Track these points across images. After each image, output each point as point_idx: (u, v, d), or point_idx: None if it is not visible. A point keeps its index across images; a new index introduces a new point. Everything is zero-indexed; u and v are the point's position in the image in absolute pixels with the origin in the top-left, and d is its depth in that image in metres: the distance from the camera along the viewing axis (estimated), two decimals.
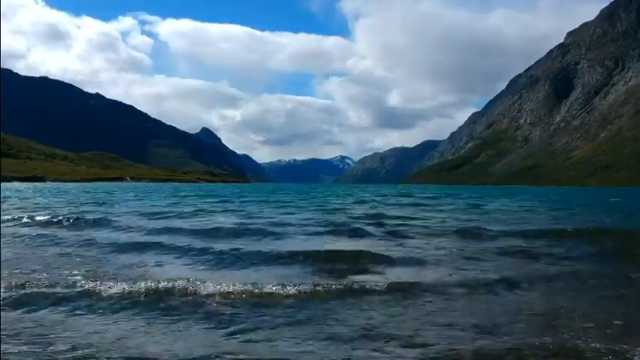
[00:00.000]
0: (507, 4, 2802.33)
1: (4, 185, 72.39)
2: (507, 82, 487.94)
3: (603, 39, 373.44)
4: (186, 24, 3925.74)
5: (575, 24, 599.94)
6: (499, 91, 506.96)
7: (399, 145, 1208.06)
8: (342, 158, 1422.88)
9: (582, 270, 7.53)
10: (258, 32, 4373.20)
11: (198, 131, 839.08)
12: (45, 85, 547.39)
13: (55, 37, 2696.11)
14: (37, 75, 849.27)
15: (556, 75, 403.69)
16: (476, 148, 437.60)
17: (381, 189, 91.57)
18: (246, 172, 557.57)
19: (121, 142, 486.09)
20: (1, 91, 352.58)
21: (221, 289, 5.61)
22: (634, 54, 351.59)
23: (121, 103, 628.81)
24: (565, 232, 12.42)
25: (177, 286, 5.75)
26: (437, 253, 8.98)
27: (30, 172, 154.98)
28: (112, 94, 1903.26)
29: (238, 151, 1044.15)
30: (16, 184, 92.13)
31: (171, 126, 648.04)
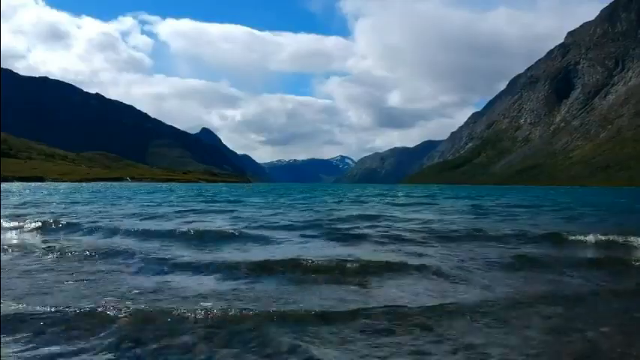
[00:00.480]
0: (507, 4, 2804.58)
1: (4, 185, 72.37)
2: (507, 82, 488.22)
3: (603, 39, 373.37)
4: (186, 24, 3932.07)
5: (575, 24, 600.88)
6: (499, 91, 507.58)
7: (399, 145, 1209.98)
8: (342, 158, 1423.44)
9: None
10: (258, 32, 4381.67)
11: (198, 131, 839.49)
12: (45, 85, 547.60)
13: (55, 37, 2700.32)
14: (37, 75, 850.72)
15: (556, 75, 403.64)
16: (476, 148, 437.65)
17: (372, 189, 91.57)
18: (246, 172, 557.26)
19: (121, 142, 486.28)
20: (1, 91, 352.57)
21: None
22: (634, 54, 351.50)
23: (121, 103, 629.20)
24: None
25: None
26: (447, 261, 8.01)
27: (30, 172, 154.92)
28: (112, 94, 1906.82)
29: (238, 151, 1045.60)
30: (15, 184, 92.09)
31: (171, 126, 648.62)
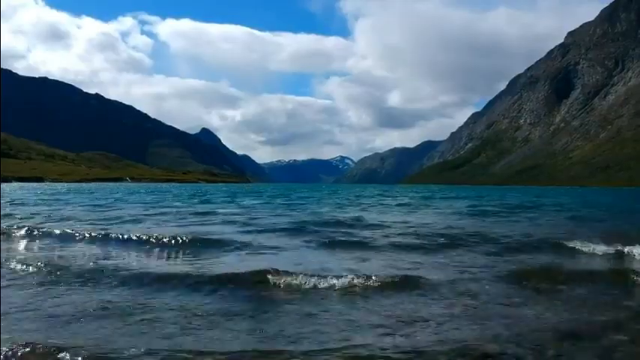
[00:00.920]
0: (507, 4, 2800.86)
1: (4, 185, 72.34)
2: (507, 83, 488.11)
3: (603, 39, 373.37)
4: (186, 24, 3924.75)
5: (575, 24, 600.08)
6: (499, 91, 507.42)
7: (399, 145, 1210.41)
8: (342, 158, 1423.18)
9: None
10: (258, 32, 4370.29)
11: (198, 131, 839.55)
12: (45, 85, 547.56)
13: (55, 37, 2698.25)
14: (37, 75, 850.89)
15: (556, 75, 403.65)
16: (476, 148, 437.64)
17: (373, 189, 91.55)
18: (246, 172, 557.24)
19: (121, 143, 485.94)
20: (1, 91, 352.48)
21: None
22: (634, 54, 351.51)
23: (120, 103, 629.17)
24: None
25: None
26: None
27: (29, 173, 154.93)
28: (111, 94, 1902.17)
29: (238, 151, 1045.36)
30: (15, 184, 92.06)
31: (171, 126, 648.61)
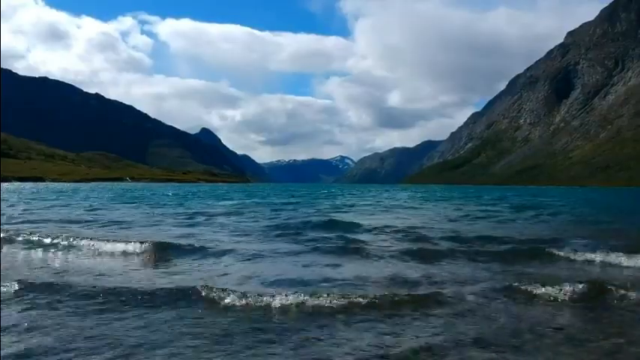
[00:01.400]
0: (507, 4, 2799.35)
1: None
2: (507, 83, 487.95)
3: (603, 39, 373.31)
4: (186, 24, 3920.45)
5: (575, 24, 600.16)
6: (499, 91, 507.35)
7: (399, 145, 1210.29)
8: (342, 158, 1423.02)
9: None
10: (258, 32, 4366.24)
11: (198, 131, 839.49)
12: (45, 85, 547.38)
13: (54, 37, 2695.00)
14: (37, 75, 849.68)
15: (556, 75, 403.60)
16: (476, 148, 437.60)
17: (373, 189, 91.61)
18: (246, 172, 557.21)
19: (121, 142, 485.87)
20: (1, 91, 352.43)
21: None
22: (634, 54, 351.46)
23: (120, 103, 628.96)
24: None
25: None
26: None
27: (29, 173, 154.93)
28: (111, 94, 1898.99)
29: (238, 151, 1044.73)
30: (14, 184, 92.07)
31: (171, 126, 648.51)
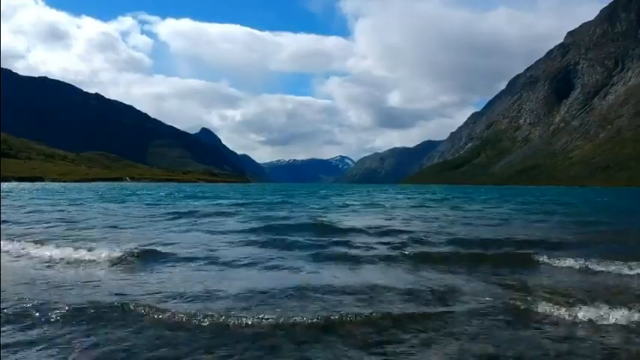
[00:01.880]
0: (507, 4, 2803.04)
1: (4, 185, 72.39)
2: (507, 83, 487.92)
3: (603, 39, 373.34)
4: (186, 24, 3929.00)
5: (575, 24, 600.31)
6: (499, 91, 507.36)
7: (399, 145, 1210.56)
8: (342, 158, 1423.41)
9: None
10: (258, 32, 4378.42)
11: (198, 131, 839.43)
12: (45, 85, 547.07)
13: (54, 37, 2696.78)
14: (37, 75, 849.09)
15: (556, 75, 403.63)
16: (475, 148, 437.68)
17: (372, 189, 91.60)
18: (246, 172, 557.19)
19: (121, 142, 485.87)
20: (1, 91, 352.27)
21: None
22: (634, 54, 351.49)
23: (120, 103, 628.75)
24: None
25: None
26: None
27: (29, 172, 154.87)
28: (111, 94, 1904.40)
29: (238, 151, 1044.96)
30: (20, 184, 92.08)
31: (171, 126, 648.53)
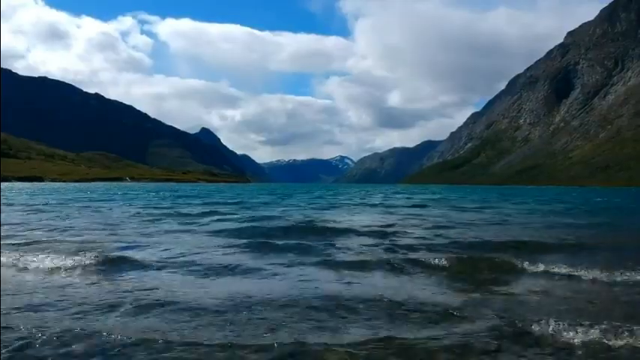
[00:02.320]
0: (507, 4, 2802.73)
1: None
2: (507, 82, 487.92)
3: (603, 39, 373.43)
4: (186, 24, 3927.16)
5: (574, 24, 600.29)
6: (499, 91, 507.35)
7: (399, 145, 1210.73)
8: (342, 158, 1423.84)
9: None
10: (258, 32, 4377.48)
11: (198, 131, 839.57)
12: (45, 85, 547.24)
13: (54, 37, 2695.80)
14: (37, 75, 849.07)
15: (555, 75, 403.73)
16: (475, 148, 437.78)
17: (372, 189, 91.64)
18: (246, 172, 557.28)
19: (121, 142, 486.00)
20: (1, 91, 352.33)
21: None
22: (634, 54, 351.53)
23: (120, 103, 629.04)
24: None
25: None
26: None
27: (29, 172, 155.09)
28: (111, 94, 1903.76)
29: (238, 151, 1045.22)
30: (15, 184, 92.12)
31: (171, 126, 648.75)
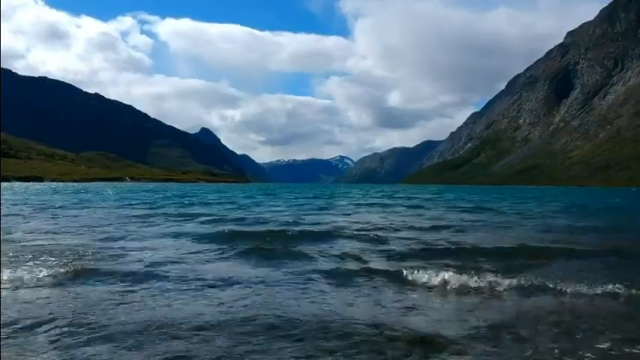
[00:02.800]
0: (507, 4, 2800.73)
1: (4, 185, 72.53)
2: (507, 83, 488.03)
3: (603, 39, 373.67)
4: (185, 24, 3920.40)
5: (574, 24, 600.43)
6: (499, 91, 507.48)
7: (398, 145, 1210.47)
8: (342, 158, 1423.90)
9: None
10: (258, 32, 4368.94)
11: (198, 131, 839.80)
12: (44, 84, 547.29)
13: (54, 36, 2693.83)
14: (37, 75, 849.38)
15: (555, 75, 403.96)
16: (475, 148, 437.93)
17: (371, 189, 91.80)
18: (246, 172, 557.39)
19: (121, 142, 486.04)
20: (1, 91, 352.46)
21: None
22: (633, 54, 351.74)
23: (120, 103, 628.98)
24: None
25: None
26: None
27: (29, 172, 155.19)
28: (111, 93, 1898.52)
29: (238, 151, 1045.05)
30: (15, 184, 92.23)
31: (170, 126, 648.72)
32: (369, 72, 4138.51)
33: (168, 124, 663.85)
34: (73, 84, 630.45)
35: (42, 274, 7.02)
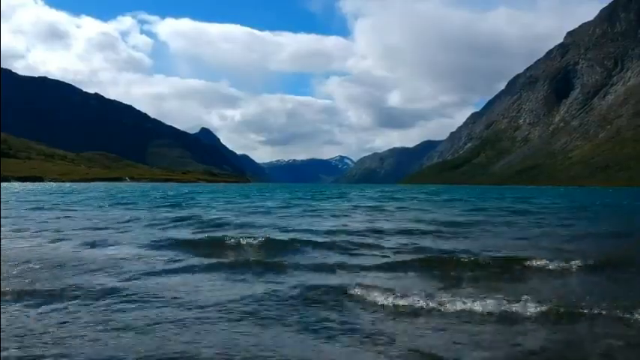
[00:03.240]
0: (507, 4, 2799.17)
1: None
2: (507, 83, 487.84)
3: (602, 39, 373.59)
4: (185, 24, 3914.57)
5: (574, 24, 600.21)
6: (498, 91, 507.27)
7: (398, 145, 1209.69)
8: (342, 158, 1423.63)
9: None
10: (258, 32, 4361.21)
11: (198, 131, 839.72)
12: (44, 84, 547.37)
13: (54, 36, 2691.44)
14: (37, 75, 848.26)
15: (555, 75, 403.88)
16: (475, 148, 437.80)
17: (370, 189, 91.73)
18: (246, 172, 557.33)
19: (121, 142, 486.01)
20: (1, 91, 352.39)
21: None
22: (633, 54, 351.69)
23: (120, 103, 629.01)
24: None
25: None
26: None
27: (29, 172, 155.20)
28: (111, 93, 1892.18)
29: (238, 151, 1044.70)
30: (15, 184, 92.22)
31: (170, 126, 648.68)
32: (369, 72, 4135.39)
33: (168, 124, 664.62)
34: (73, 84, 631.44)
35: None
